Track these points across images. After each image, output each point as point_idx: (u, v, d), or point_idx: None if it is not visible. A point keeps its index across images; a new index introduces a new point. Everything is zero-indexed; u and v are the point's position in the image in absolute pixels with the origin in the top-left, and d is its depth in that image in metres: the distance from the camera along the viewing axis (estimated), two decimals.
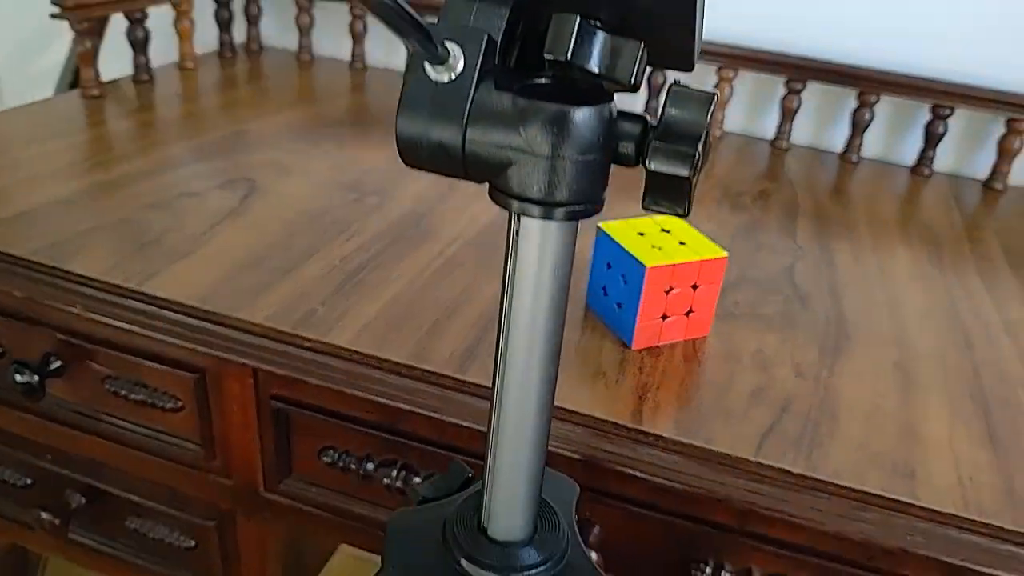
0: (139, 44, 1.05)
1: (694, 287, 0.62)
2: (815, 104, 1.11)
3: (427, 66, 0.26)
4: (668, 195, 0.26)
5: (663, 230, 0.64)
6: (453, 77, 0.26)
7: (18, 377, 0.70)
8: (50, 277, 0.66)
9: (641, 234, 0.63)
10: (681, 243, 0.63)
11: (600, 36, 0.25)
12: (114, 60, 1.10)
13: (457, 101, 0.26)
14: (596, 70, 0.25)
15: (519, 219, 0.29)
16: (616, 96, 0.28)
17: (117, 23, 1.09)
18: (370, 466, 0.66)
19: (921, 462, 0.55)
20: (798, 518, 0.53)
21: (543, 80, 0.28)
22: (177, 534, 0.78)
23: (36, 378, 0.70)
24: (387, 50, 1.28)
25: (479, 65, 0.26)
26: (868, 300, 0.74)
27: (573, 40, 0.24)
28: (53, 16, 0.94)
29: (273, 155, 0.90)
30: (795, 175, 1.02)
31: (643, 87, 0.32)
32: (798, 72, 1.06)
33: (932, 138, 1.06)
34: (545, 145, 0.26)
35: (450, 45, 0.26)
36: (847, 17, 1.04)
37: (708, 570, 0.60)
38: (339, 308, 0.64)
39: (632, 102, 1.13)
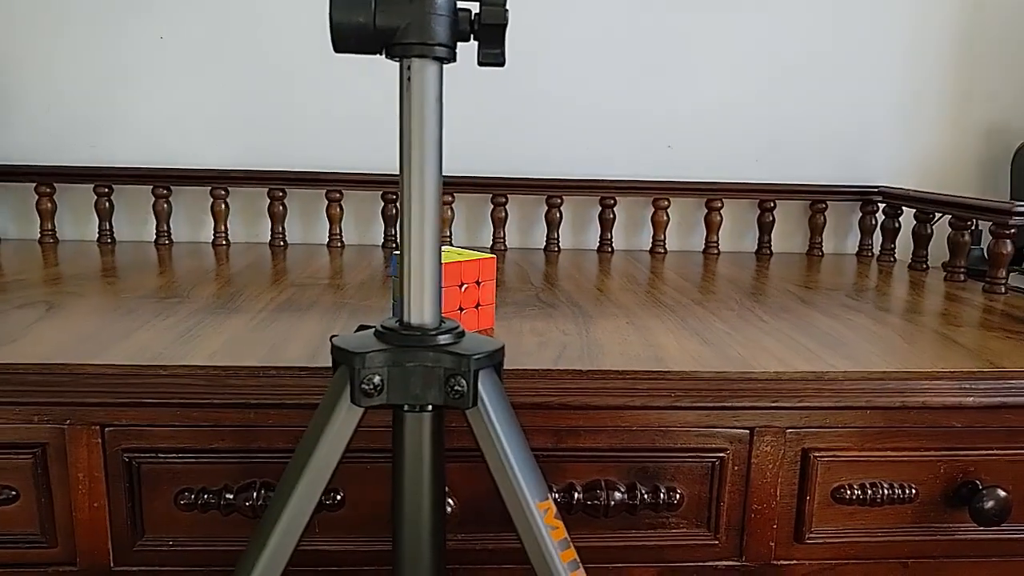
0: None
1: (478, 283, 0.80)
2: (516, 214, 1.40)
3: None
4: (492, 44, 0.45)
5: (444, 251, 0.82)
6: None
7: None
8: None
9: None
10: (459, 254, 0.81)
11: None
12: None
13: None
14: None
15: (409, 67, 0.45)
16: None
17: None
18: (230, 496, 0.71)
19: (664, 356, 0.75)
20: (590, 401, 0.70)
21: None
22: None
23: None
24: (132, 225, 1.36)
25: None
26: (596, 301, 0.97)
27: None
28: None
29: (60, 288, 0.95)
30: (514, 263, 1.27)
31: None
32: (502, 190, 1.34)
33: (606, 224, 1.38)
34: (426, 9, 0.44)
35: None
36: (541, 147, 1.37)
37: None
38: (182, 349, 0.72)
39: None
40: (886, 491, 0.76)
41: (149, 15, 1.29)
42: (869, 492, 0.76)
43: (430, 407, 0.47)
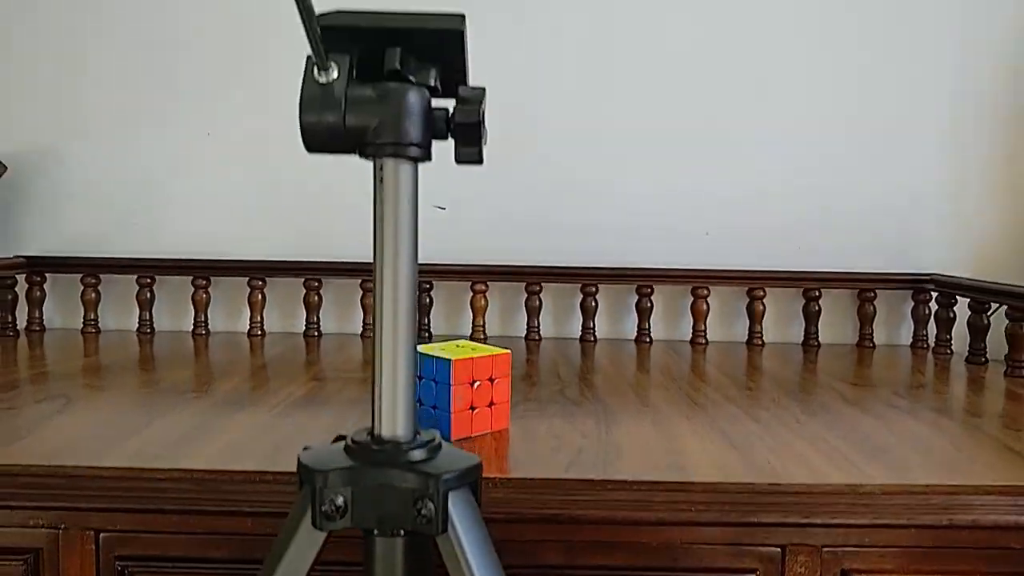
0: None
1: (491, 380, 0.77)
2: (550, 303, 1.38)
3: (315, 72, 0.42)
4: (467, 142, 0.43)
5: (458, 346, 0.80)
6: (332, 79, 0.42)
7: None
8: None
9: (442, 350, 0.78)
10: (473, 349, 0.78)
11: (411, 58, 0.43)
12: None
13: (338, 94, 0.42)
14: (412, 78, 0.43)
15: (382, 167, 0.44)
16: None
17: None
18: None
19: (687, 463, 0.70)
20: (604, 515, 0.65)
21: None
22: None
23: None
24: (172, 316, 1.38)
25: (349, 72, 0.43)
26: (623, 398, 0.92)
27: (399, 61, 0.42)
28: None
29: (84, 381, 0.95)
30: (547, 355, 1.23)
31: None
32: (536, 278, 1.32)
33: (643, 314, 1.34)
34: (399, 108, 0.42)
35: (333, 58, 0.42)
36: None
37: None
38: (184, 449, 0.70)
39: None
40: None
41: (198, 113, 1.34)
42: None
43: (402, 531, 0.43)
